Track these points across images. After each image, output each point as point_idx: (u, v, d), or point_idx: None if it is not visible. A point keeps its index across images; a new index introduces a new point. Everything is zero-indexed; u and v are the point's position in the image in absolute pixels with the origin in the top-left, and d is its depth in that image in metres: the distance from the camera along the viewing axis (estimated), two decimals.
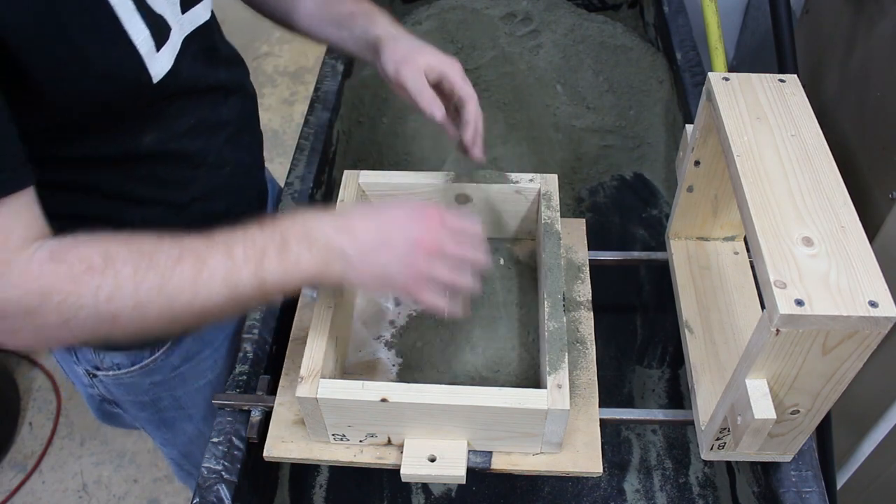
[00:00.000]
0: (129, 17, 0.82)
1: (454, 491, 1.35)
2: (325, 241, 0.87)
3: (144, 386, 1.22)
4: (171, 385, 1.24)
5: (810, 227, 0.81)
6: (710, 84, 0.99)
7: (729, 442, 0.95)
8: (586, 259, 1.22)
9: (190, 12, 0.95)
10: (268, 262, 0.84)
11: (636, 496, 1.34)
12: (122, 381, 1.20)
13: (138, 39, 0.84)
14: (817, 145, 0.90)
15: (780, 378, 0.82)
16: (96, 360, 1.17)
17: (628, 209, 1.68)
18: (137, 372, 1.19)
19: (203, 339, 1.23)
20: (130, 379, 1.20)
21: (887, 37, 1.41)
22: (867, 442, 1.54)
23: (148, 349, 1.17)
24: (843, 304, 0.74)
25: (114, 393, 1.24)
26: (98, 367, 1.18)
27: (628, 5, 2.12)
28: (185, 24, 0.94)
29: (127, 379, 1.20)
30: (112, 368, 1.18)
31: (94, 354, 1.16)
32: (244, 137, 1.16)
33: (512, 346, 1.07)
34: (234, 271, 0.83)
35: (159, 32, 0.87)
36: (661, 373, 1.48)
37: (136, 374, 1.19)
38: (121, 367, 1.18)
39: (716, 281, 1.15)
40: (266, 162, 1.30)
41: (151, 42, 0.86)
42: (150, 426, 1.34)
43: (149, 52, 0.86)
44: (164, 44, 0.88)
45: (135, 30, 0.83)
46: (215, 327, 1.23)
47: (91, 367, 1.19)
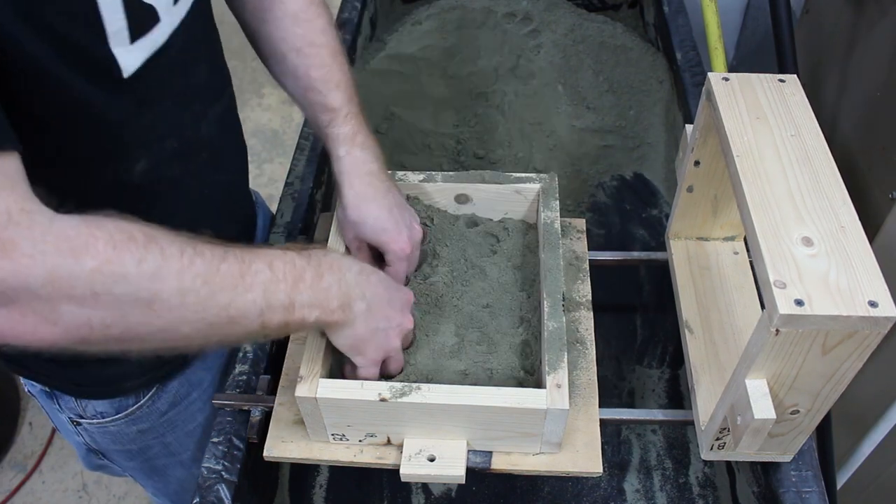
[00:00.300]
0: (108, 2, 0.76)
1: (454, 491, 1.35)
2: (353, 279, 0.90)
3: (131, 434, 1.17)
4: (159, 432, 1.19)
5: (810, 226, 0.81)
6: (709, 84, 0.99)
7: (729, 442, 0.95)
8: (586, 259, 1.22)
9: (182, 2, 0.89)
10: (303, 285, 0.84)
11: (636, 496, 1.34)
12: (108, 430, 1.15)
13: (111, 28, 0.77)
14: (817, 145, 0.90)
15: (780, 378, 0.82)
16: (78, 407, 1.12)
17: (628, 209, 1.68)
18: (123, 420, 1.14)
19: (190, 381, 1.18)
20: (116, 427, 1.15)
21: (887, 37, 1.41)
22: (867, 442, 1.54)
23: (132, 396, 1.12)
24: (843, 304, 0.74)
25: (99, 442, 1.19)
26: (81, 416, 1.13)
27: (628, 5, 2.12)
28: (176, 14, 0.88)
29: (112, 427, 1.15)
30: (96, 417, 1.12)
31: (77, 402, 1.11)
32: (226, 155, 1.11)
33: (512, 346, 1.07)
34: (273, 284, 0.81)
35: (140, 24, 0.81)
36: (661, 373, 1.48)
37: (121, 423, 1.14)
38: (105, 415, 1.12)
39: (716, 281, 1.15)
40: (266, 162, 1.31)
41: (126, 33, 0.79)
42: (141, 475, 1.30)
43: (120, 41, 0.79)
44: (142, 36, 0.82)
45: (111, 17, 0.76)
46: (203, 369, 1.19)
47: (74, 416, 1.13)
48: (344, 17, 1.76)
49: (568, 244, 1.23)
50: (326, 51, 1.06)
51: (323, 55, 1.05)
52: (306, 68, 1.05)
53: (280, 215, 1.34)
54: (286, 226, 1.32)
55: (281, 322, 0.83)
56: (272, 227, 1.33)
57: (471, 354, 1.05)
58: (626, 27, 1.88)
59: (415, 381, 0.97)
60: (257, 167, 3.16)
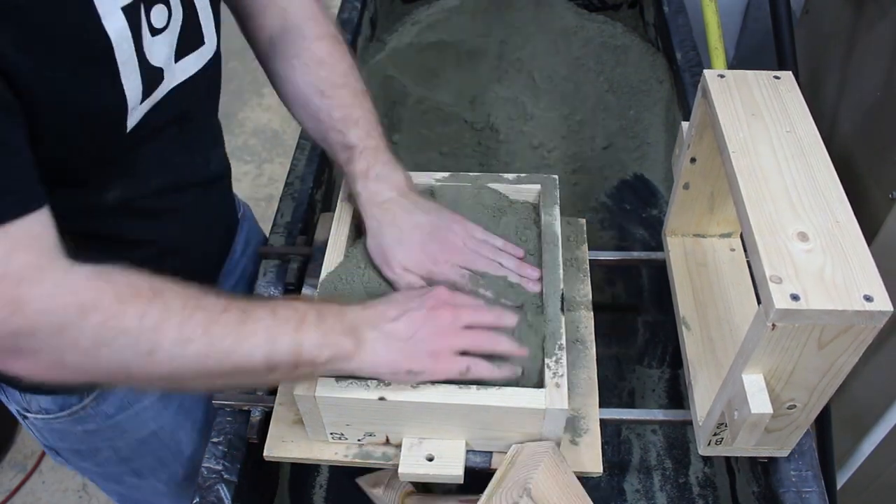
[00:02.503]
0: (128, 71, 0.82)
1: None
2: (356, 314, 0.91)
3: (77, 434, 1.15)
4: (107, 435, 1.16)
5: (805, 222, 0.81)
6: (705, 81, 0.99)
7: (726, 437, 0.95)
8: (586, 259, 1.22)
9: (183, 61, 0.93)
10: (307, 327, 0.85)
11: (636, 496, 1.34)
12: (53, 427, 1.14)
13: (130, 94, 0.83)
14: (812, 141, 0.90)
15: (777, 373, 0.82)
16: (23, 401, 1.11)
17: (628, 209, 1.68)
18: (66, 418, 1.12)
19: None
20: (60, 425, 1.13)
21: (887, 37, 1.41)
22: (867, 442, 1.54)
23: (76, 395, 1.10)
24: (839, 299, 0.74)
25: (48, 438, 1.18)
26: (27, 410, 1.12)
27: (628, 5, 2.12)
28: (178, 72, 0.93)
29: (57, 425, 1.13)
30: (40, 413, 1.11)
31: (21, 395, 1.10)
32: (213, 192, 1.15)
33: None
34: (276, 329, 0.83)
35: (150, 85, 0.86)
36: (661, 373, 1.48)
37: (65, 421, 1.12)
38: (49, 412, 1.11)
39: (712, 277, 1.15)
40: (266, 162, 1.31)
41: (140, 95, 0.85)
42: (97, 479, 1.29)
43: (135, 104, 0.85)
44: (151, 95, 0.87)
45: (130, 84, 0.82)
46: None
47: (21, 409, 1.13)
48: (344, 17, 1.76)
49: (568, 244, 1.23)
50: (347, 91, 1.09)
51: (344, 95, 1.09)
52: (329, 109, 1.08)
53: (280, 215, 1.34)
54: (286, 226, 1.32)
55: (290, 364, 0.86)
56: (272, 226, 1.33)
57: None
58: (626, 27, 1.88)
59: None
60: (257, 167, 3.15)
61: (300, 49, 1.08)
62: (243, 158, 3.15)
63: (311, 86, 1.08)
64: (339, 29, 1.15)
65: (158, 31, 0.86)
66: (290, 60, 1.09)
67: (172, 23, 0.89)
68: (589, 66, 1.80)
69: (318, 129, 1.11)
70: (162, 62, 0.88)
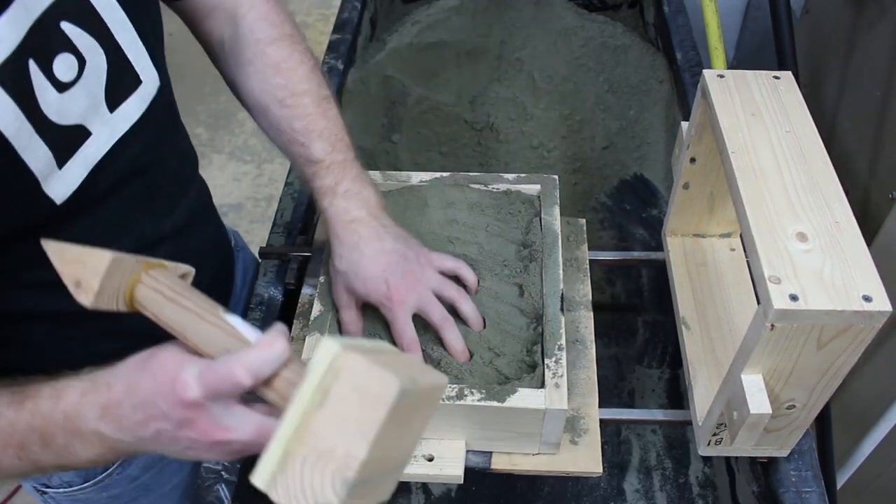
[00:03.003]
0: (26, 143, 0.72)
1: (454, 491, 1.35)
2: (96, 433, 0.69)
3: (102, 500, 1.10)
4: (132, 496, 1.12)
5: (804, 222, 0.81)
6: (704, 81, 0.99)
7: (726, 437, 0.95)
8: (586, 259, 1.22)
9: (120, 109, 0.84)
10: (32, 451, 0.70)
11: (636, 496, 1.34)
12: (76, 498, 1.09)
13: (36, 165, 0.74)
14: (811, 141, 0.90)
15: (776, 373, 0.82)
16: (43, 477, 1.06)
17: (628, 209, 1.68)
18: (91, 488, 1.08)
19: None
20: (84, 495, 1.08)
21: (887, 37, 1.41)
22: (867, 442, 1.54)
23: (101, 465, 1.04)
24: (837, 299, 0.74)
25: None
26: (47, 485, 1.07)
27: (628, 5, 2.12)
28: (119, 121, 0.84)
29: (81, 496, 1.08)
30: (62, 486, 1.07)
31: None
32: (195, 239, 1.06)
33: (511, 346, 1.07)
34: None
35: (66, 146, 0.77)
36: (661, 373, 1.48)
37: (89, 491, 1.08)
38: (72, 484, 1.07)
39: (712, 277, 1.15)
40: (266, 162, 1.30)
41: (52, 161, 0.75)
42: None
43: (48, 173, 0.75)
44: (73, 156, 0.78)
45: (32, 155, 0.73)
46: None
47: (39, 485, 1.08)
48: (344, 17, 1.76)
49: (568, 244, 1.23)
50: (309, 98, 1.02)
51: (305, 104, 1.02)
52: (289, 120, 1.02)
53: (280, 215, 1.34)
54: (286, 226, 1.32)
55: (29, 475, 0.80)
56: (273, 226, 1.33)
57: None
58: (626, 27, 1.88)
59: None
60: (257, 167, 3.15)
61: (253, 55, 1.01)
62: (243, 158, 3.14)
63: (268, 94, 1.02)
64: (297, 28, 1.07)
65: (67, 86, 0.76)
66: (244, 67, 1.02)
67: (89, 72, 0.79)
68: (589, 66, 1.80)
69: (280, 140, 1.05)
70: (78, 118, 0.78)
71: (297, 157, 1.03)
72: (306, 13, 3.89)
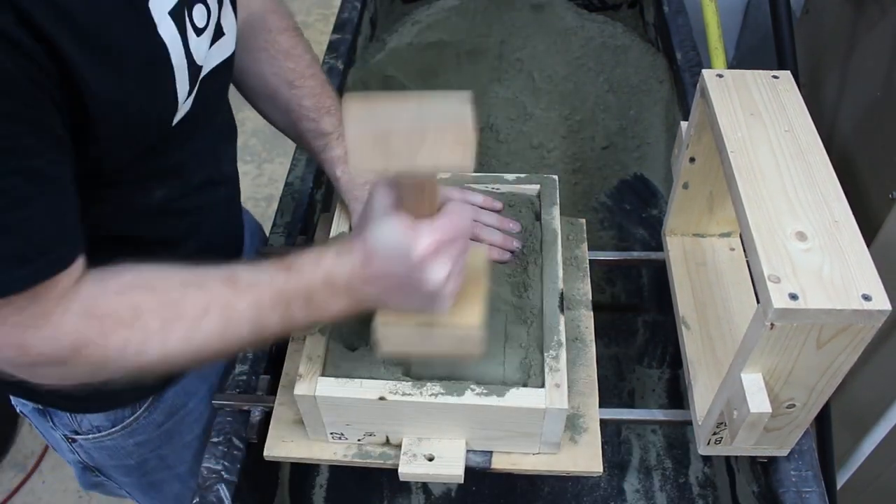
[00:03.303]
0: (180, 74, 0.83)
1: (454, 491, 1.35)
2: (349, 290, 0.84)
3: (128, 448, 1.16)
4: (156, 444, 1.18)
5: (804, 221, 0.81)
6: (703, 81, 0.99)
7: (725, 437, 0.95)
8: (586, 257, 1.22)
9: (217, 45, 0.93)
10: (295, 308, 0.84)
11: (636, 496, 1.34)
12: (104, 445, 1.15)
13: (181, 94, 0.85)
14: (810, 141, 0.90)
15: (776, 372, 0.82)
16: (73, 423, 1.11)
17: (628, 209, 1.68)
18: (119, 433, 1.13)
19: (186, 390, 1.17)
20: (112, 441, 1.14)
21: (887, 37, 1.41)
22: (867, 442, 1.53)
23: (129, 407, 1.11)
24: (837, 298, 0.75)
25: (95, 458, 1.18)
26: (77, 432, 1.12)
27: (628, 5, 2.12)
28: (211, 59, 0.92)
29: (108, 441, 1.14)
30: (92, 431, 1.12)
31: (72, 418, 1.10)
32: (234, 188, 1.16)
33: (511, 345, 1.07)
34: (262, 318, 0.83)
35: (193, 80, 0.87)
36: (661, 373, 1.48)
37: (117, 436, 1.13)
38: (101, 429, 1.12)
39: (712, 277, 1.15)
40: (266, 162, 1.32)
41: (187, 94, 0.86)
42: (137, 491, 1.29)
43: (183, 101, 0.86)
44: (194, 89, 0.88)
45: (181, 86, 0.84)
46: (198, 378, 1.18)
47: (69, 432, 1.13)
48: (344, 17, 1.76)
49: (568, 244, 1.23)
50: (315, 81, 1.11)
51: (312, 85, 1.11)
52: (299, 99, 1.10)
53: (280, 215, 1.34)
54: (286, 226, 1.32)
55: (279, 334, 0.86)
56: (272, 226, 1.33)
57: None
58: (626, 27, 1.88)
59: (412, 380, 0.97)
60: (257, 167, 3.16)
61: (265, 41, 1.10)
62: (243, 158, 3.15)
63: (278, 77, 1.10)
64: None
65: (201, 31, 0.87)
66: (255, 53, 1.10)
67: (210, 20, 0.89)
68: (589, 66, 1.80)
69: (288, 121, 1.12)
70: (202, 59, 0.88)
71: (307, 132, 1.11)
72: (306, 13, 3.89)
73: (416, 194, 0.80)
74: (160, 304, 0.80)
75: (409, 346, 0.91)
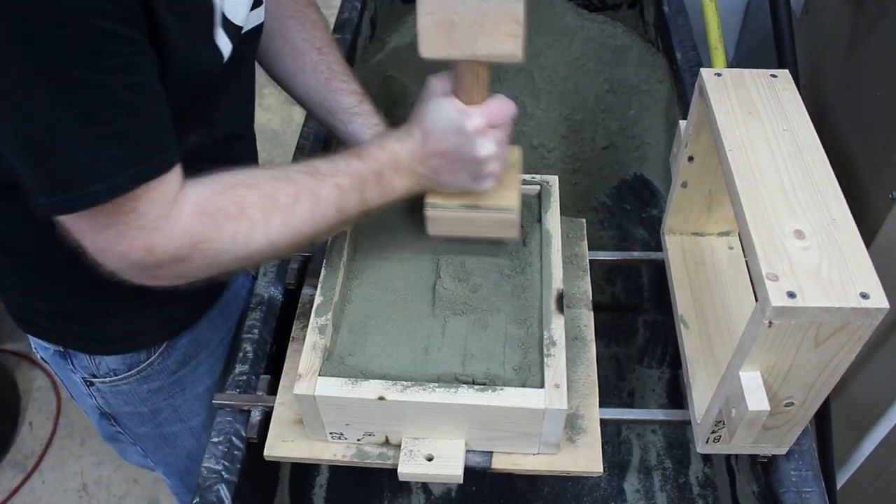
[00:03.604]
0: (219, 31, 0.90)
1: (454, 491, 1.35)
2: (411, 169, 0.98)
3: (143, 394, 1.22)
4: (169, 393, 1.24)
5: (802, 220, 0.81)
6: (702, 80, 1.00)
7: (724, 435, 0.95)
8: (586, 258, 1.22)
9: (255, 11, 0.99)
10: (369, 189, 0.96)
11: (636, 496, 1.34)
12: (120, 389, 1.20)
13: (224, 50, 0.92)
14: (809, 140, 0.90)
15: (774, 370, 0.82)
16: (92, 366, 1.17)
17: (628, 209, 1.68)
18: (135, 378, 1.19)
19: (199, 340, 1.22)
20: (128, 386, 1.20)
21: (887, 37, 1.41)
22: (867, 442, 1.53)
23: (144, 351, 1.17)
24: (835, 296, 0.75)
25: (112, 404, 1.23)
26: (94, 375, 1.18)
27: (628, 5, 2.12)
28: (250, 22, 0.99)
29: (124, 386, 1.20)
30: (108, 375, 1.18)
31: (90, 360, 1.16)
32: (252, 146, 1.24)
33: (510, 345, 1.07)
34: (343, 200, 0.94)
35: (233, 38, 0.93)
36: (661, 373, 1.48)
37: (133, 381, 1.19)
38: (117, 372, 1.17)
39: (710, 276, 1.15)
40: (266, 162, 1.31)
41: (230, 52, 0.93)
42: (152, 445, 1.34)
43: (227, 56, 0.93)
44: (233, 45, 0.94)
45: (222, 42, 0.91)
46: (210, 330, 1.23)
47: (88, 375, 1.18)
48: (344, 17, 1.76)
49: (568, 244, 1.23)
50: (339, 52, 1.21)
51: (338, 55, 1.20)
52: (329, 63, 1.18)
53: None
54: None
55: (364, 215, 0.98)
56: None
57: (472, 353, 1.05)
58: (626, 27, 1.88)
59: (412, 380, 0.97)
60: None
61: (294, 11, 1.17)
62: None
63: (307, 42, 1.17)
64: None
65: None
66: (283, 20, 1.16)
67: None
68: (589, 66, 1.80)
69: (315, 81, 1.18)
70: (241, 20, 0.94)
71: (338, 90, 1.18)
72: None
73: (471, 81, 0.95)
74: (259, 197, 0.89)
75: (454, 228, 1.07)
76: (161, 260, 0.84)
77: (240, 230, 0.88)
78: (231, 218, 0.87)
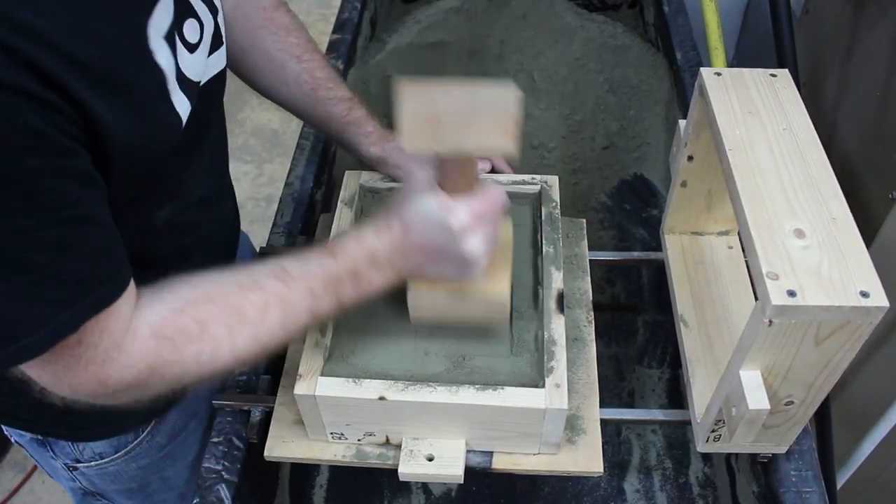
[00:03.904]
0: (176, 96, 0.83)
1: (454, 491, 1.35)
2: (390, 263, 0.91)
3: (131, 472, 1.16)
4: (159, 467, 1.19)
5: (802, 219, 0.81)
6: (702, 79, 1.00)
7: (724, 434, 0.95)
8: (586, 258, 1.22)
9: (215, 55, 0.93)
10: (344, 289, 0.89)
11: (636, 496, 1.34)
12: (107, 471, 1.14)
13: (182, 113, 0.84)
14: (808, 139, 0.90)
15: (774, 369, 0.82)
16: (75, 452, 1.11)
17: (628, 209, 1.68)
18: (123, 459, 1.13)
19: (187, 411, 1.17)
20: (115, 467, 1.14)
21: (887, 37, 1.41)
22: (867, 442, 1.53)
23: (132, 432, 1.11)
24: (835, 295, 0.75)
25: (97, 484, 1.18)
26: (78, 460, 1.12)
27: (628, 5, 2.12)
28: (210, 69, 0.92)
29: (112, 468, 1.14)
30: (94, 459, 1.12)
31: (73, 447, 1.10)
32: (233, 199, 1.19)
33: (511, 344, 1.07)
34: (317, 304, 0.87)
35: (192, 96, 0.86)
36: (661, 373, 1.48)
37: (120, 462, 1.13)
38: (104, 455, 1.12)
39: (710, 275, 1.15)
40: (266, 162, 1.32)
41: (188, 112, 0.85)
42: None
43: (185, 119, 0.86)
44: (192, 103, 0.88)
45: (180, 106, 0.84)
46: (196, 398, 1.17)
47: (70, 461, 1.12)
48: (344, 17, 1.76)
49: (568, 244, 1.23)
50: (319, 55, 1.15)
51: (319, 59, 1.15)
52: (310, 71, 1.13)
53: (280, 215, 1.34)
54: (286, 226, 1.32)
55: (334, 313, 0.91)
56: (273, 226, 1.33)
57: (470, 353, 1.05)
58: (626, 27, 1.88)
59: (412, 379, 0.97)
60: (257, 167, 3.15)
61: (263, 20, 1.11)
62: (243, 158, 3.15)
63: (284, 52, 1.12)
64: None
65: (194, 47, 0.86)
66: (255, 31, 1.10)
67: (205, 34, 0.89)
68: (589, 66, 1.80)
69: (301, 92, 1.14)
70: (198, 74, 0.88)
71: (325, 99, 1.14)
72: (306, 13, 3.89)
73: (458, 173, 0.88)
74: (223, 312, 0.83)
75: (440, 312, 0.99)
76: (116, 389, 0.79)
77: (203, 350, 0.81)
78: (193, 339, 0.81)
